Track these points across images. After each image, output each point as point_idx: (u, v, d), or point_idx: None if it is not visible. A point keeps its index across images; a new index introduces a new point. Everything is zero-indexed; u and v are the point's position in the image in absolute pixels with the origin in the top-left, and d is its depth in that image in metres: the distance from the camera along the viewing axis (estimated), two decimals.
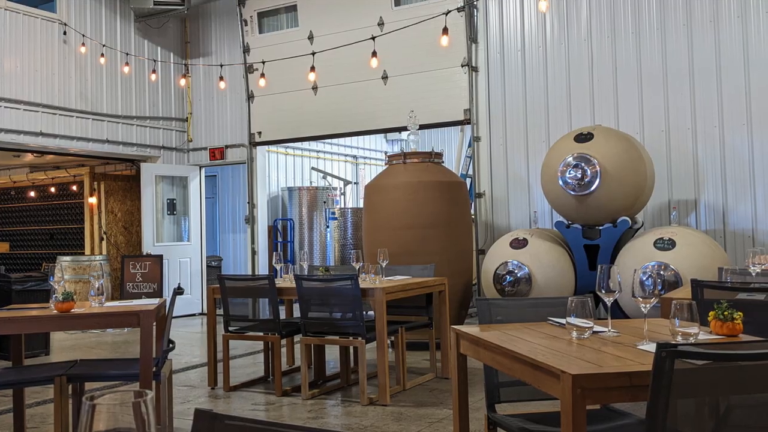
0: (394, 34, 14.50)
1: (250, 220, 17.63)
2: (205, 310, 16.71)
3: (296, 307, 9.94)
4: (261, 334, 9.63)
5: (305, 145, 20.90)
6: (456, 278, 11.87)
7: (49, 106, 15.37)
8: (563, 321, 4.47)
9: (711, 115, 12.26)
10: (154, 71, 16.85)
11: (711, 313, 4.17)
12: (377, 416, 8.17)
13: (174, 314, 7.65)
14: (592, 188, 10.77)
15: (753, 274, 6.51)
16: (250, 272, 17.46)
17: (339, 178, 22.24)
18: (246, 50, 17.25)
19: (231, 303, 9.70)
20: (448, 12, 12.97)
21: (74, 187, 20.14)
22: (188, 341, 14.01)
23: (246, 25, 17.24)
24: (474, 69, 14.33)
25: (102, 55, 15.87)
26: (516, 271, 11.18)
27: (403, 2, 15.13)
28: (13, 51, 14.79)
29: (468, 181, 15.59)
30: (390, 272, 10.28)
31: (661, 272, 10.03)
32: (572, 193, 10.93)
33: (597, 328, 4.39)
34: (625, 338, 4.23)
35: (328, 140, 21.30)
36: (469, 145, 15.70)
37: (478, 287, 13.37)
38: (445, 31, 12.31)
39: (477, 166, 14.35)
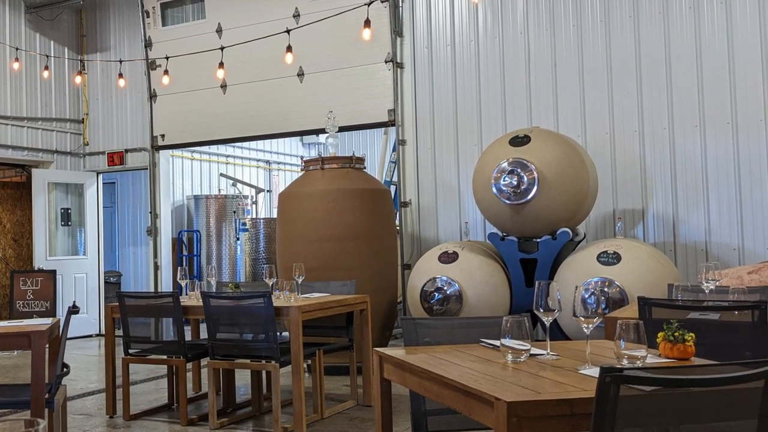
0: (310, 27, 14.43)
1: (153, 231, 17.47)
2: (103, 331, 16.55)
3: (203, 327, 9.85)
4: (164, 357, 9.60)
5: (213, 149, 20.85)
6: (379, 296, 11.85)
7: None
8: (497, 343, 4.44)
9: (660, 115, 12.30)
10: (46, 68, 16.54)
11: (660, 334, 4.18)
12: None
13: (69, 335, 7.55)
14: (529, 196, 10.77)
15: (706, 291, 6.52)
16: (152, 289, 17.31)
17: (250, 186, 22.19)
18: (148, 45, 17.08)
19: (131, 323, 9.63)
20: (371, 2, 12.96)
21: None
22: (84, 365, 13.87)
23: (148, 16, 17.07)
24: (399, 65, 14.32)
25: None
26: (445, 288, 11.16)
27: None
28: None
29: (392, 188, 15.60)
30: (306, 289, 10.21)
31: (605, 289, 10.06)
32: (507, 201, 10.92)
33: (534, 350, 4.40)
34: (566, 362, 4.22)
35: (239, 144, 21.27)
36: (394, 149, 15.72)
37: (403, 306, 13.37)
38: (368, 23, 12.28)
39: (402, 172, 14.33)
